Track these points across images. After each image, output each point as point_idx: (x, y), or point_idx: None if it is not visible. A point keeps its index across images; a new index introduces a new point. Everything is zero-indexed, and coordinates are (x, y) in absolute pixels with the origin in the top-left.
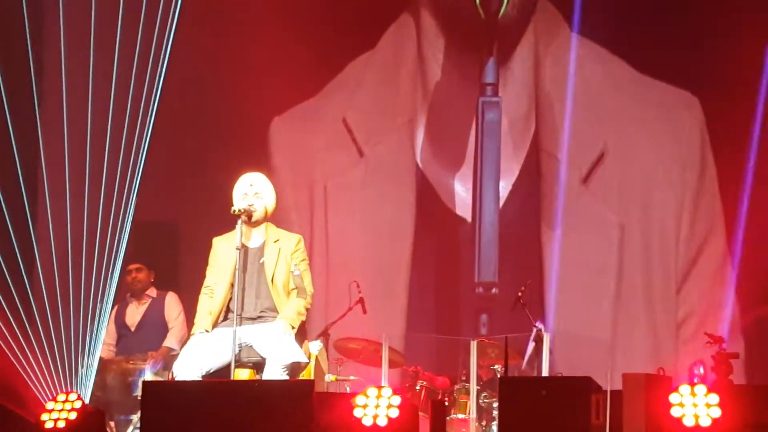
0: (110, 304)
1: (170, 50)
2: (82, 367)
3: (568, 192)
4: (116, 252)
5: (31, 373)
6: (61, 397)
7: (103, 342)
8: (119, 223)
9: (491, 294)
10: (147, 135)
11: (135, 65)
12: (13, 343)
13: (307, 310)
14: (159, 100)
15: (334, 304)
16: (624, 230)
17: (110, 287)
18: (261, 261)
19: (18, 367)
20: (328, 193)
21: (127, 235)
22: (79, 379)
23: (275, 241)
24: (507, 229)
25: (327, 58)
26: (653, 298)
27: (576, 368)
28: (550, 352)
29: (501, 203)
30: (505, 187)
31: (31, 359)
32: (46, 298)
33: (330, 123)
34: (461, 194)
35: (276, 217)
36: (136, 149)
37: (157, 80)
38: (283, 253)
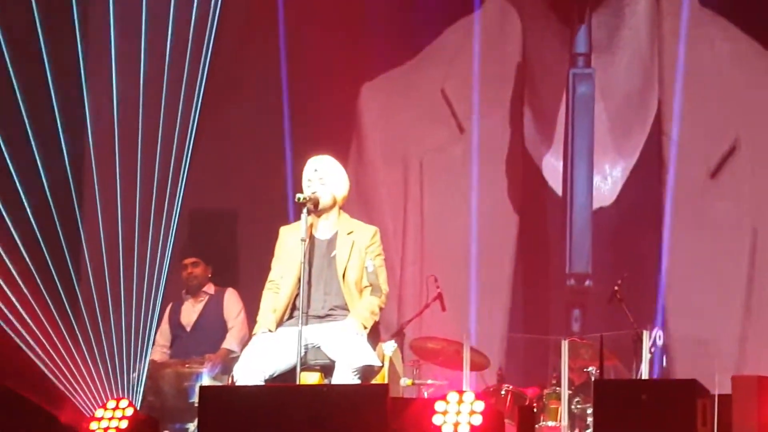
0: (160, 301)
1: (222, 6)
2: (134, 371)
3: (694, 185)
4: (165, 244)
5: (79, 378)
6: (111, 403)
7: (156, 343)
8: (168, 213)
9: (585, 287)
10: (197, 109)
11: (191, 30)
12: (60, 346)
13: (381, 309)
14: (209, 67)
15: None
16: (757, 234)
17: (161, 283)
18: (332, 254)
19: (65, 371)
20: (424, 171)
21: (175, 225)
22: (130, 383)
23: (348, 233)
24: (621, 218)
25: (422, 20)
26: None
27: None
28: (650, 353)
29: (618, 188)
30: (622, 172)
31: (80, 362)
32: (95, 297)
33: (426, 93)
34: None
35: (365, 194)
36: (184, 128)
37: (208, 41)
38: (357, 247)
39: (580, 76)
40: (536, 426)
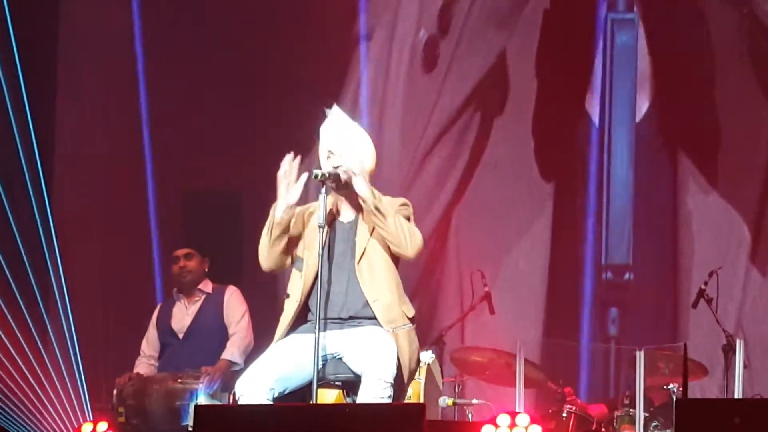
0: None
1: None
2: (115, 387)
3: None
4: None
5: (45, 396)
6: (87, 427)
7: (141, 353)
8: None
9: (624, 281)
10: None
11: None
12: (20, 359)
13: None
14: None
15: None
16: None
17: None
18: (354, 240)
19: (28, 389)
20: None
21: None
22: (111, 403)
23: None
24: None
25: None
26: None
27: None
28: (745, 366)
29: None
30: None
31: (55, 376)
32: (67, 301)
33: None
34: None
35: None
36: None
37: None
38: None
39: (620, 23)
40: None
